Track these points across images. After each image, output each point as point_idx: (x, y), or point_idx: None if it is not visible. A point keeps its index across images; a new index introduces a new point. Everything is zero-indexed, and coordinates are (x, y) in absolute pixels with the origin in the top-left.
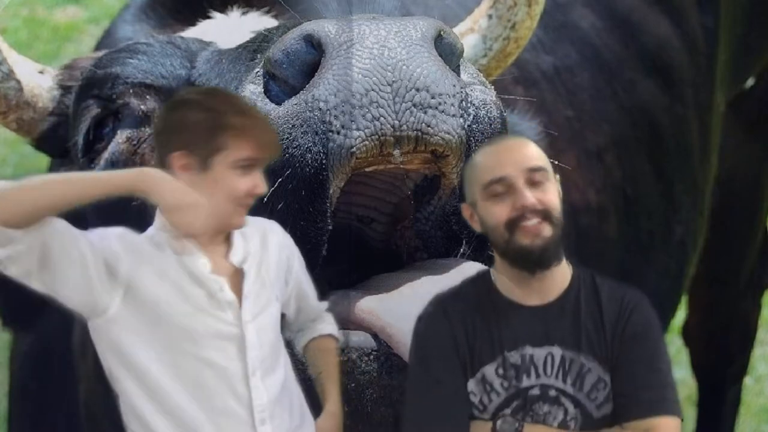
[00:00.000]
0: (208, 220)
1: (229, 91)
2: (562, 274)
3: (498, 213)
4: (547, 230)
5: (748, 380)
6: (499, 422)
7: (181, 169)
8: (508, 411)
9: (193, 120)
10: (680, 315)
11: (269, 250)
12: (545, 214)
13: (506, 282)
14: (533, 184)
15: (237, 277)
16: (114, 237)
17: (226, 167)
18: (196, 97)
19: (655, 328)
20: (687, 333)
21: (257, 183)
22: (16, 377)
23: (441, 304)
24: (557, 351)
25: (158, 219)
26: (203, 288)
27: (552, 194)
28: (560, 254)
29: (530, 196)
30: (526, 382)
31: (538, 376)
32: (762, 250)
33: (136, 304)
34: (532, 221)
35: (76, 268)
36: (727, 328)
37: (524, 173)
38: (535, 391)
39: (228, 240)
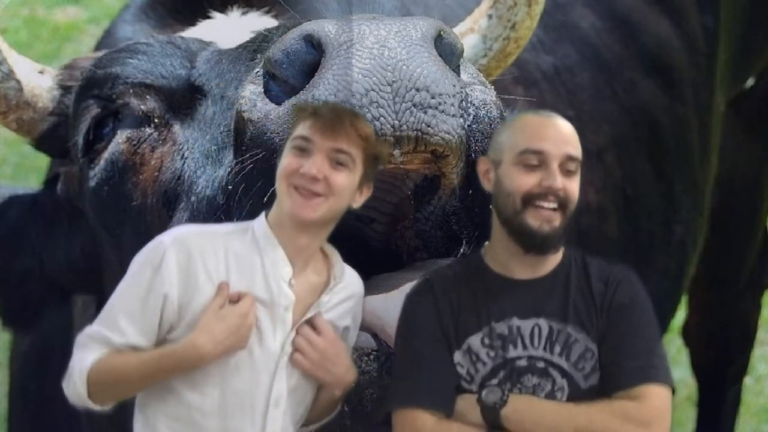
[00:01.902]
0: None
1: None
2: (555, 254)
3: (522, 182)
4: (557, 220)
5: (748, 380)
6: (484, 392)
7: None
8: (494, 381)
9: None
10: (680, 315)
11: (341, 314)
12: (563, 204)
13: (499, 255)
14: (566, 171)
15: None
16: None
17: (289, 148)
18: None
19: (642, 300)
20: (687, 333)
21: (307, 164)
22: (16, 377)
23: (428, 281)
24: (544, 322)
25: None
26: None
27: (576, 188)
28: (559, 245)
29: (560, 180)
30: (512, 353)
31: (525, 347)
32: (762, 250)
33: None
34: (550, 205)
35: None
36: (727, 328)
37: (562, 157)
38: (523, 362)
39: (327, 273)
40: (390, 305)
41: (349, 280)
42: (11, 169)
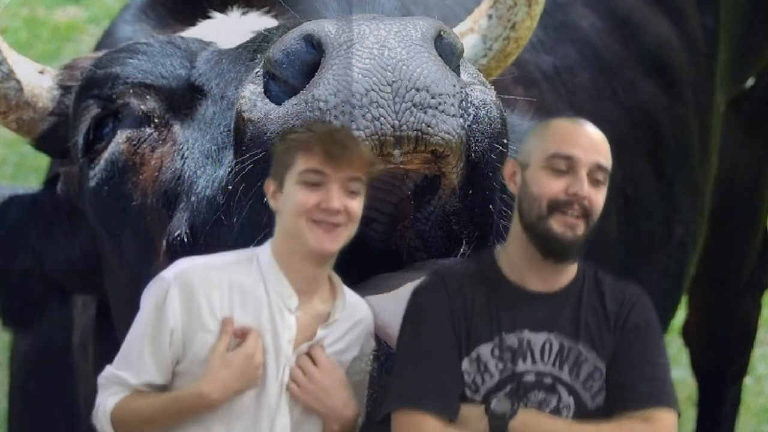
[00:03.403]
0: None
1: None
2: (570, 269)
3: (549, 187)
4: (581, 228)
5: (748, 380)
6: (493, 402)
7: (271, 197)
8: (501, 394)
9: (277, 149)
10: (680, 315)
11: (348, 345)
12: (587, 213)
13: (515, 264)
14: (593, 180)
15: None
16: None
17: (294, 182)
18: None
19: (655, 325)
20: (687, 333)
21: (326, 198)
22: (16, 377)
23: (440, 276)
24: (555, 338)
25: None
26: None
27: (601, 199)
28: (578, 254)
29: (587, 188)
30: (521, 367)
31: (534, 362)
32: (762, 250)
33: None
34: (575, 213)
35: None
36: (727, 328)
37: (591, 165)
38: (530, 378)
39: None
40: (390, 305)
41: (353, 309)
42: (11, 169)
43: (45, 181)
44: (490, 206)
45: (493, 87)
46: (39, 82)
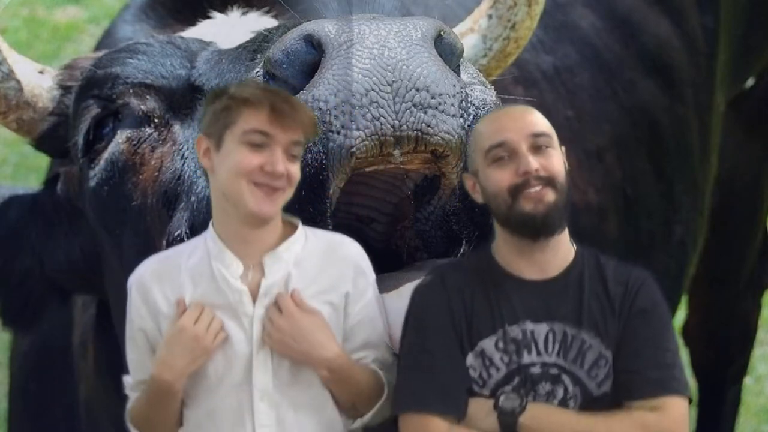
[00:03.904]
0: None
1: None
2: (564, 250)
3: (500, 179)
4: (550, 196)
5: (748, 380)
6: (501, 398)
7: (202, 155)
8: (509, 388)
9: (212, 105)
10: (680, 315)
11: (316, 281)
12: (549, 180)
13: (507, 255)
14: (536, 149)
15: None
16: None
17: (235, 141)
18: (226, 87)
19: (663, 307)
20: (687, 333)
21: (271, 160)
22: (16, 377)
23: (440, 275)
24: (558, 327)
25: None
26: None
27: (556, 160)
28: (563, 222)
29: (533, 162)
30: (526, 359)
31: (539, 353)
32: (762, 250)
33: None
34: (536, 188)
35: None
36: (727, 328)
37: (528, 138)
38: (536, 369)
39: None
40: (390, 305)
41: (331, 247)
42: (11, 169)
43: (45, 181)
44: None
45: (493, 87)
46: (39, 82)
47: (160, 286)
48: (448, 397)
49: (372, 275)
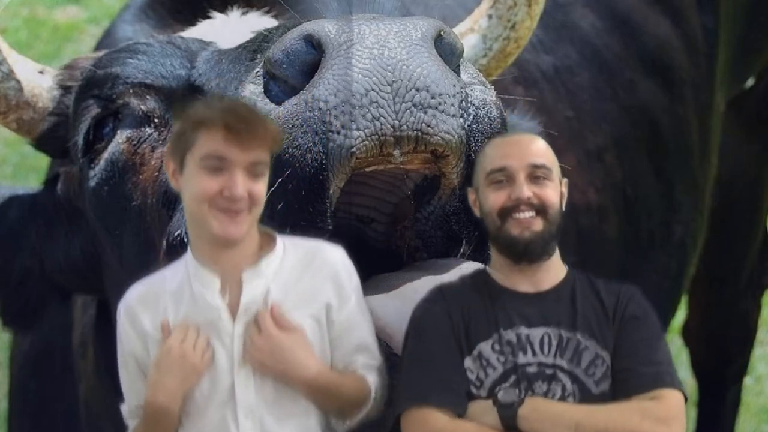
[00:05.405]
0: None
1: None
2: (555, 269)
3: (494, 200)
4: (538, 225)
5: (748, 380)
6: (500, 393)
7: (171, 176)
8: (506, 385)
9: (175, 126)
10: (680, 315)
11: (299, 290)
12: (540, 209)
13: (501, 270)
14: (534, 179)
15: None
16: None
17: (196, 166)
18: (187, 107)
19: (653, 317)
20: (687, 333)
21: (229, 185)
22: (16, 377)
23: (439, 289)
24: (553, 331)
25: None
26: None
27: (550, 191)
28: (550, 250)
29: (526, 190)
30: (522, 359)
31: (534, 354)
32: (762, 250)
33: None
34: (525, 214)
35: None
36: (727, 328)
37: (527, 168)
38: (533, 369)
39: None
40: (390, 305)
41: (308, 256)
42: (11, 169)
43: (45, 181)
44: None
45: (493, 87)
46: (39, 82)
47: (146, 310)
48: (448, 391)
49: (355, 278)
